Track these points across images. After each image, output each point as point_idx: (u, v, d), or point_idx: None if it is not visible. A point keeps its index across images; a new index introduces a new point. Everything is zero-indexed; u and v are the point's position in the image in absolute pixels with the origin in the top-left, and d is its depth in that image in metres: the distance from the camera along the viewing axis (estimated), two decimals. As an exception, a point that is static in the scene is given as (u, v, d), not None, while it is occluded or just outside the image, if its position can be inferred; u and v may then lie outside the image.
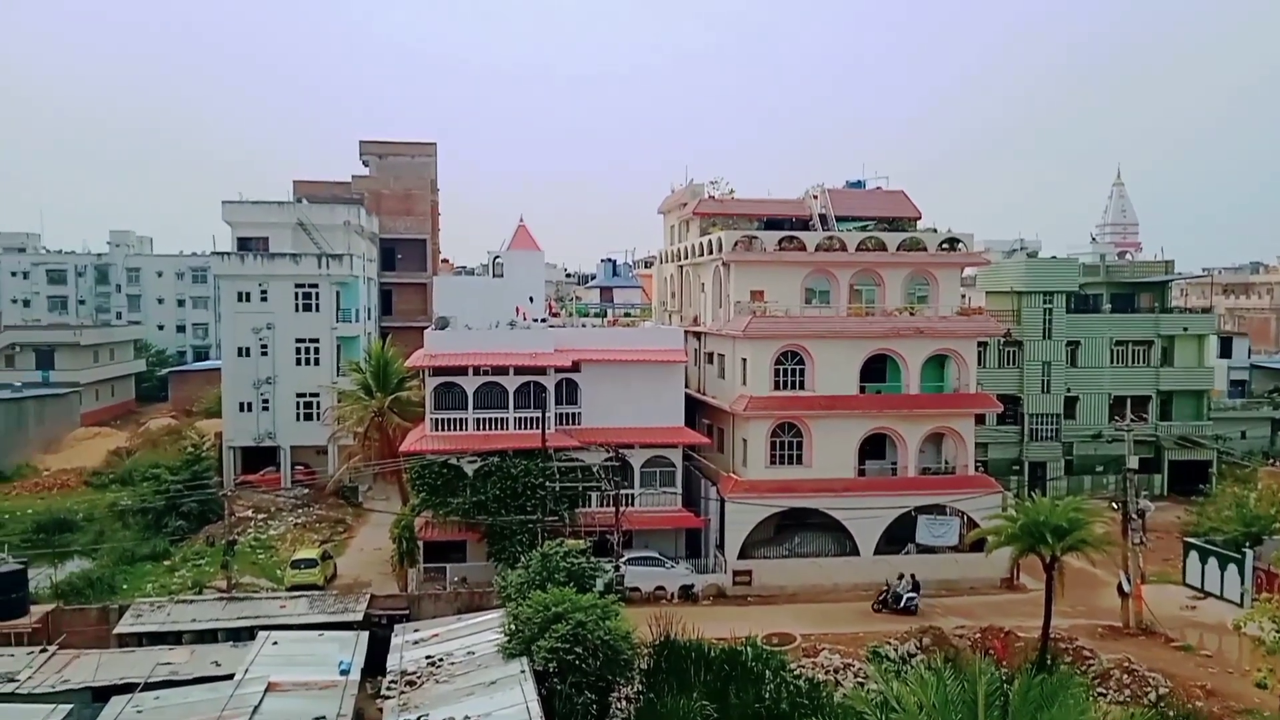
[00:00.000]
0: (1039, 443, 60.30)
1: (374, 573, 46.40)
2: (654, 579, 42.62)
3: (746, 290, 46.47)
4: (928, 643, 35.38)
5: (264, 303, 63.22)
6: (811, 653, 35.09)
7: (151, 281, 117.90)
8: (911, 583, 41.66)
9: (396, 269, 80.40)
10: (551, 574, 30.43)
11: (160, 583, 45.39)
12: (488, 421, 44.15)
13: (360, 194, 77.13)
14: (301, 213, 66.86)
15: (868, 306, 46.93)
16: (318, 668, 27.96)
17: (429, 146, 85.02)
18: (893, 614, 40.36)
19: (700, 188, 54.07)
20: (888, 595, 41.32)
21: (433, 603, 36.30)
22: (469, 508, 42.29)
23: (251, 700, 25.05)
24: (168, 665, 29.16)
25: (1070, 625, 38.22)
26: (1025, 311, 60.15)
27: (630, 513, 42.60)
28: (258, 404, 62.86)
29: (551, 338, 46.39)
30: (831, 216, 50.06)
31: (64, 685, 27.86)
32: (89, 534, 55.53)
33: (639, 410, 45.11)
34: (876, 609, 40.99)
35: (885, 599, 41.24)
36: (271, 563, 48.55)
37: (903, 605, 40.79)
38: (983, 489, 45.68)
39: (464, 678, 26.90)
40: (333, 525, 56.14)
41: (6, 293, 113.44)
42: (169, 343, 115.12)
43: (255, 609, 34.62)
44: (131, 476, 64.24)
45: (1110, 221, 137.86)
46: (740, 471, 45.68)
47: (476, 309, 48.01)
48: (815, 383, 45.30)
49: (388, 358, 53.14)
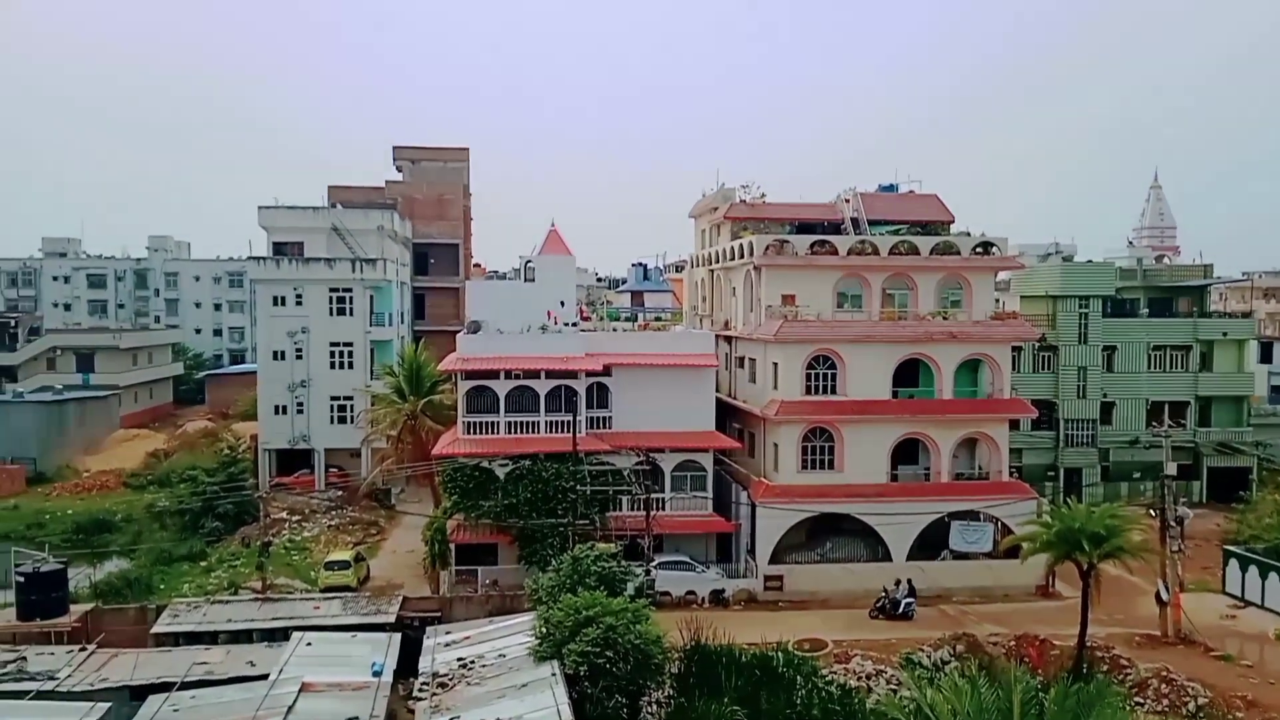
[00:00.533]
0: (1075, 448, 59.58)
1: (406, 575, 46.70)
2: (685, 583, 42.55)
3: (778, 294, 46.35)
4: (961, 650, 35.05)
5: (299, 307, 63.92)
6: (843, 659, 34.89)
7: (189, 286, 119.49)
8: (908, 588, 41.32)
9: (429, 273, 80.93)
10: (582, 578, 30.50)
11: (197, 583, 45.97)
12: (519, 425, 44.35)
13: (394, 199, 77.74)
14: (336, 218, 67.49)
15: (900, 311, 46.65)
16: (351, 669, 28.19)
17: (462, 152, 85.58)
18: (890, 620, 40.00)
19: (731, 192, 54.02)
20: (885, 601, 40.93)
21: (464, 605, 36.49)
22: (500, 511, 42.48)
23: (286, 700, 25.30)
24: (204, 665, 29.53)
25: (1107, 634, 37.70)
26: (1061, 316, 59.50)
27: (661, 517, 42.59)
28: (292, 407, 63.53)
29: (582, 342, 46.52)
30: (864, 220, 49.83)
31: (103, 684, 28.28)
32: (127, 534, 56.44)
33: (670, 414, 45.09)
34: (874, 615, 40.56)
35: (883, 605, 40.83)
36: (306, 564, 49.00)
37: (900, 611, 40.46)
38: (1017, 495, 45.20)
39: (495, 680, 27.03)
40: (366, 527, 56.59)
41: (48, 297, 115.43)
42: (206, 346, 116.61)
43: (289, 610, 34.98)
44: (169, 478, 65.15)
45: (1148, 225, 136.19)
46: (771, 476, 45.52)
47: (508, 313, 48.22)
48: (847, 387, 45.07)
49: (420, 361, 53.49)
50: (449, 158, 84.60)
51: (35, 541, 48.71)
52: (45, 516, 61.17)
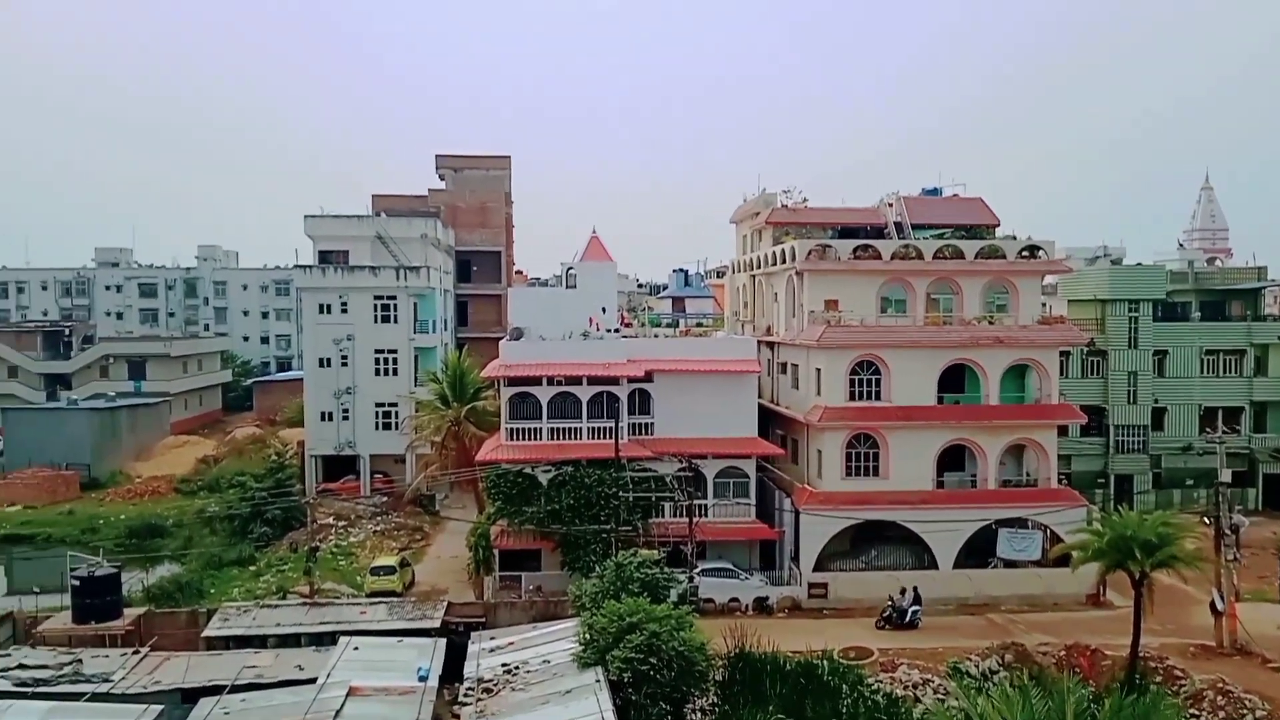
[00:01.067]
0: (1125, 455, 58.51)
1: (451, 580, 46.99)
2: (728, 590, 42.39)
3: (820, 299, 46.10)
4: (1010, 659, 34.54)
5: (344, 314, 64.69)
6: (889, 667, 34.51)
7: (237, 294, 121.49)
8: (914, 596, 40.85)
9: (472, 281, 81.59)
10: (625, 584, 30.54)
11: (246, 587, 46.56)
12: (562, 431, 44.49)
13: (437, 207, 78.44)
14: (380, 226, 68.25)
15: (945, 315, 46.20)
16: (397, 674, 28.42)
17: (504, 160, 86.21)
18: (897, 629, 39.40)
19: (773, 197, 53.87)
20: (891, 611, 40.42)
21: (508, 611, 36.64)
22: (543, 517, 42.63)
23: (333, 705, 25.57)
24: (253, 668, 29.93)
25: (1160, 644, 36.96)
26: (1110, 320, 58.53)
27: (704, 523, 42.48)
28: (338, 413, 64.28)
29: (624, 348, 46.56)
30: (907, 224, 49.41)
31: (155, 686, 28.78)
32: (179, 539, 57.41)
33: (712, 421, 44.97)
34: (880, 626, 39.96)
35: (889, 615, 40.31)
36: (352, 569, 49.48)
37: (907, 620, 39.95)
38: (1066, 502, 44.52)
39: (539, 686, 27.11)
40: (411, 533, 57.06)
41: (101, 306, 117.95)
42: (253, 353, 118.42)
43: (337, 614, 35.32)
44: (218, 484, 66.28)
45: (1199, 227, 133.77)
46: (815, 483, 45.23)
47: (550, 320, 48.47)
48: (891, 393, 44.69)
49: (464, 368, 53.88)
50: (491, 166, 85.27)
51: (90, 546, 49.89)
52: (99, 521, 62.52)
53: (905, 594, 40.91)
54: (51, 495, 67.33)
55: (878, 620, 40.33)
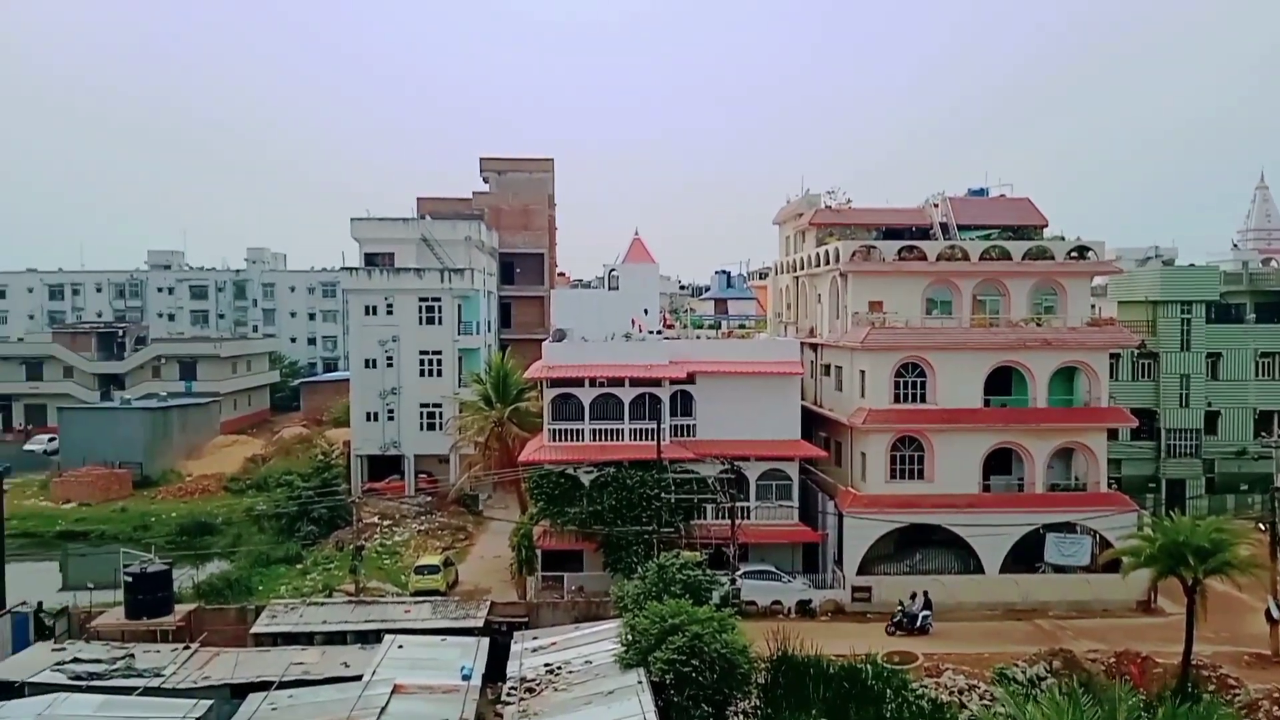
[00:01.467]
0: (1177, 459, 57.35)
1: (494, 580, 47.27)
2: (770, 593, 42.21)
3: (865, 301, 45.77)
4: (1058, 666, 34.04)
5: (389, 316, 65.35)
6: (934, 672, 34.20)
7: (285, 296, 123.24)
8: (925, 601, 40.35)
9: (515, 282, 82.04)
10: (667, 585, 30.53)
11: (293, 585, 47.18)
12: (604, 433, 44.59)
13: (481, 210, 78.97)
14: (425, 229, 68.86)
15: (991, 317, 45.67)
16: (441, 672, 28.63)
17: (546, 162, 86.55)
18: (907, 635, 38.85)
19: (816, 198, 53.56)
20: (902, 616, 39.91)
21: (551, 611, 36.77)
22: (586, 517, 42.72)
23: (378, 702, 25.82)
24: (300, 665, 30.28)
25: (1213, 652, 36.20)
26: (1161, 322, 57.41)
27: (746, 526, 42.35)
28: (384, 414, 64.93)
29: (666, 350, 46.56)
30: (953, 225, 48.91)
31: (205, 681, 29.24)
32: (228, 537, 58.34)
33: (755, 423, 44.82)
34: (891, 632, 39.40)
35: (900, 620, 39.79)
36: (396, 568, 49.96)
37: (918, 625, 39.42)
38: (1116, 507, 43.78)
39: (582, 687, 27.17)
40: (454, 532, 57.49)
41: (153, 307, 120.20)
42: (301, 354, 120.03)
43: (382, 613, 35.63)
44: (266, 483, 67.21)
45: (1253, 227, 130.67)
46: (859, 486, 44.90)
47: (593, 321, 48.57)
48: (937, 395, 44.24)
49: (507, 369, 54.16)
50: (534, 168, 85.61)
51: (142, 543, 50.80)
52: (151, 519, 63.73)
53: (916, 599, 40.55)
54: (105, 493, 68.70)
55: (888, 625, 39.87)
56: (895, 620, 39.90)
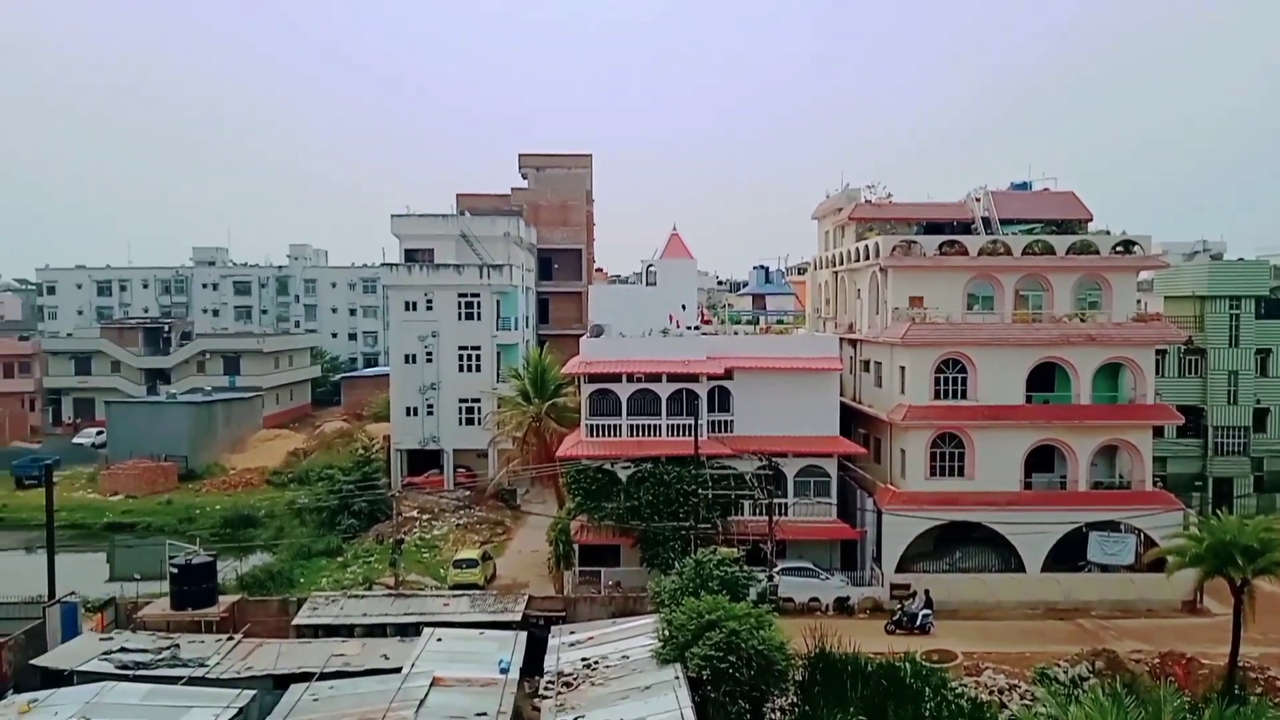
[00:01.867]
0: (1224, 457, 56.23)
1: (531, 574, 47.48)
2: (808, 590, 42.00)
3: (905, 296, 45.37)
4: (1101, 666, 33.59)
5: (429, 311, 65.83)
6: (974, 671, 33.86)
7: (326, 292, 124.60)
8: (925, 600, 39.87)
9: (553, 278, 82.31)
10: (705, 581, 30.47)
11: (333, 578, 47.74)
12: (641, 428, 44.58)
13: (519, 206, 79.27)
14: (464, 225, 69.27)
15: (1034, 313, 45.05)
16: (479, 665, 28.81)
17: (585, 159, 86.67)
18: (908, 634, 38.19)
19: (856, 192, 53.15)
20: (902, 615, 39.39)
21: (588, 606, 36.84)
22: (623, 513, 42.76)
23: (417, 694, 26.03)
24: (341, 656, 30.63)
25: (1261, 654, 35.49)
26: (1209, 318, 56.30)
27: (784, 522, 42.16)
28: (423, 409, 65.45)
29: (704, 345, 46.45)
30: (995, 219, 48.31)
31: (248, 672, 29.62)
32: (270, 530, 59.23)
33: (793, 419, 44.59)
34: (890, 630, 38.77)
35: (900, 619, 39.24)
36: (435, 561, 50.37)
37: (919, 624, 38.85)
38: (1162, 505, 43.04)
39: (619, 681, 27.19)
40: (492, 526, 57.85)
41: (198, 303, 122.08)
42: (341, 350, 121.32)
43: (421, 606, 35.92)
44: (308, 476, 68.09)
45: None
46: (898, 482, 44.53)
47: (630, 317, 48.56)
48: (978, 392, 43.75)
49: (545, 365, 54.34)
50: (572, 164, 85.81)
51: (187, 535, 51.71)
52: (195, 511, 64.84)
53: (916, 598, 40.18)
54: (151, 486, 69.95)
55: (887, 624, 39.35)
56: (895, 619, 39.43)
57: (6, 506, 65.95)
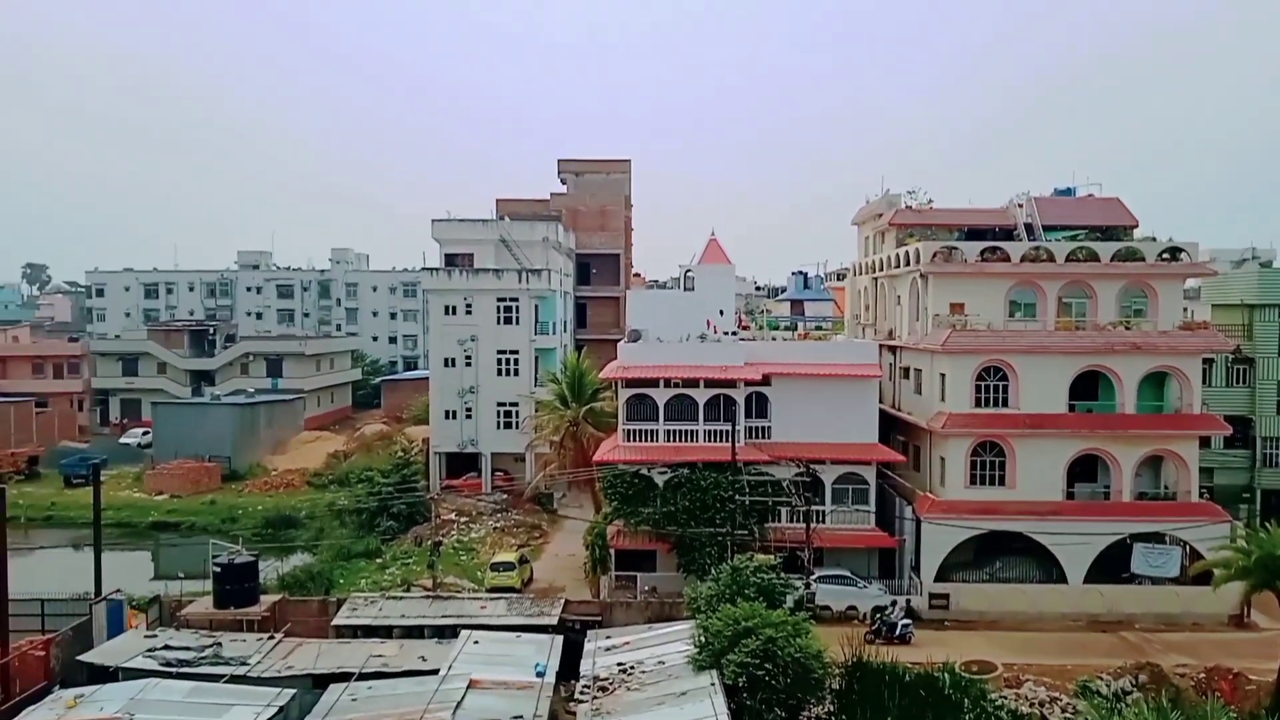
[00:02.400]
0: (1274, 469, 54.96)
1: (567, 578, 47.59)
2: (845, 598, 41.70)
3: (945, 303, 44.96)
4: (1144, 680, 32.93)
5: (468, 316, 66.29)
6: (1014, 683, 33.44)
7: (367, 295, 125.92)
8: (905, 610, 39.42)
9: (591, 283, 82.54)
10: (741, 588, 30.32)
11: (372, 579, 48.16)
12: (678, 433, 44.55)
13: (558, 211, 79.65)
14: (504, 230, 69.71)
15: (1077, 320, 44.44)
16: (515, 668, 28.89)
17: (623, 164, 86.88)
18: (887, 643, 37.11)
19: (896, 198, 52.76)
20: (881, 624, 38.78)
21: (624, 610, 36.80)
22: (659, 518, 42.72)
23: (454, 696, 26.18)
24: (379, 657, 30.84)
25: (1312, 671, 34.67)
26: (1258, 326, 55.15)
27: (821, 530, 41.91)
28: (461, 412, 65.89)
29: (742, 351, 46.33)
30: (1038, 225, 47.74)
31: (288, 671, 29.91)
32: (310, 531, 59.81)
33: (831, 426, 44.32)
34: (870, 640, 37.49)
35: (879, 629, 38.57)
36: (473, 564, 50.65)
37: (898, 634, 38.19)
38: (1208, 517, 42.23)
39: (655, 687, 27.14)
40: (529, 530, 58.07)
41: (242, 306, 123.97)
42: (382, 353, 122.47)
43: (458, 608, 36.05)
44: (348, 478, 68.68)
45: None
46: (938, 491, 44.12)
47: (668, 322, 48.59)
48: (1019, 400, 43.23)
49: (582, 369, 54.50)
50: (611, 170, 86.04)
51: (229, 535, 52.36)
52: (238, 511, 65.69)
53: (894, 608, 39.77)
54: (195, 486, 71.01)
55: (867, 634, 38.45)
56: (874, 629, 38.80)
57: (55, 505, 67.25)
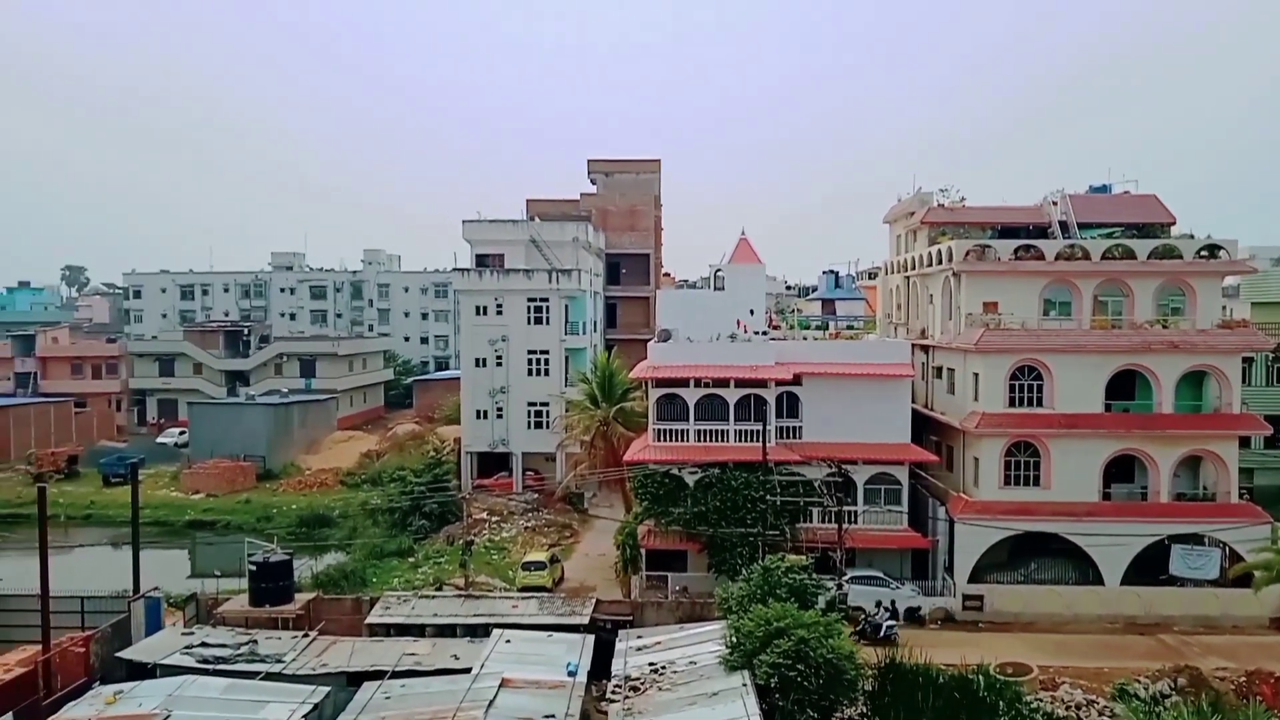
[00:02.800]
0: (1316, 470, 54.08)
1: (598, 578, 47.65)
2: (878, 599, 41.43)
3: (979, 302, 44.54)
4: (1183, 683, 32.44)
5: (499, 316, 66.59)
6: (1050, 686, 33.07)
7: (399, 296, 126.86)
8: (891, 610, 39.00)
9: (621, 283, 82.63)
10: (773, 588, 30.23)
11: (405, 578, 48.46)
12: (708, 433, 44.46)
13: (588, 211, 79.81)
14: (534, 230, 69.93)
15: (1113, 319, 43.87)
16: (547, 667, 28.98)
17: (653, 164, 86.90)
18: (872, 644, 36.58)
19: (928, 196, 52.35)
20: (866, 625, 38.31)
21: (655, 610, 36.80)
22: (690, 518, 42.63)
23: (486, 694, 26.29)
24: (412, 656, 31.04)
25: (1355, 675, 34.02)
26: (1300, 324, 54.26)
27: (853, 530, 41.64)
28: (493, 412, 66.20)
29: (772, 350, 46.15)
30: (1073, 223, 47.19)
31: (323, 668, 30.19)
32: (344, 530, 60.31)
33: (863, 425, 44.05)
34: (856, 640, 37.53)
35: (864, 629, 38.07)
36: (504, 563, 50.84)
37: (883, 634, 37.70)
38: (1249, 518, 41.53)
39: (686, 687, 27.12)
40: (560, 530, 58.21)
41: (276, 307, 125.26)
42: (413, 353, 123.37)
43: (490, 607, 36.22)
44: (380, 477, 69.24)
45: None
46: (971, 491, 43.74)
47: (698, 322, 48.51)
48: (1054, 399, 42.75)
49: (612, 369, 54.56)
50: (641, 169, 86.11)
51: (264, 533, 52.94)
52: (273, 510, 66.39)
53: (880, 609, 39.51)
54: (231, 485, 71.84)
55: (852, 633, 38.28)
56: (859, 629, 38.33)
57: (94, 503, 68.31)
